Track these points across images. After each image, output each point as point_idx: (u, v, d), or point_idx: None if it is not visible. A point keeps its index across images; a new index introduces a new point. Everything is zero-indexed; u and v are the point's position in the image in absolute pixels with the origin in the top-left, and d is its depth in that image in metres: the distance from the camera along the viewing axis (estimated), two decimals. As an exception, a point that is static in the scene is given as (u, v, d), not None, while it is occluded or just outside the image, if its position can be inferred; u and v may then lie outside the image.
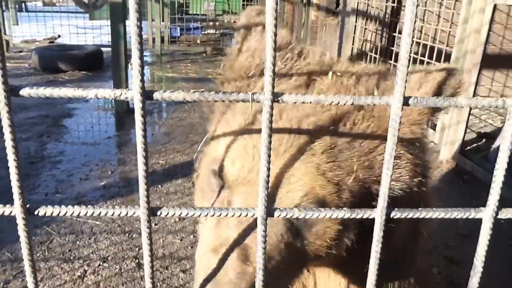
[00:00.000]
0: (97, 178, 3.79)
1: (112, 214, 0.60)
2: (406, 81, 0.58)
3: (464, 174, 4.03)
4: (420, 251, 1.44)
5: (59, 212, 0.59)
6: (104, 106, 5.99)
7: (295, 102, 0.61)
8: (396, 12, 6.36)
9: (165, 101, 0.62)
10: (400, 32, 5.43)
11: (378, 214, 0.61)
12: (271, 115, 0.59)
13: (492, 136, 4.96)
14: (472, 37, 3.95)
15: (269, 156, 0.60)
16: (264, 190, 0.60)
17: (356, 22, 6.81)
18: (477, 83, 4.00)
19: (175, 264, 2.70)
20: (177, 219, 3.23)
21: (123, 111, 5.59)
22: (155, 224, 3.14)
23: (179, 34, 12.75)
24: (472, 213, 0.68)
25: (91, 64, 7.96)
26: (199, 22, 14.92)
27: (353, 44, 6.94)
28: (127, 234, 2.97)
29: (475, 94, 4.06)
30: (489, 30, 3.80)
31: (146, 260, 0.64)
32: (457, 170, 4.12)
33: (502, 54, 6.58)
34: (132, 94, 0.57)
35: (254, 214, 0.61)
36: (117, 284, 2.44)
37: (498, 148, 4.37)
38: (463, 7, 4.12)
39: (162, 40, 10.35)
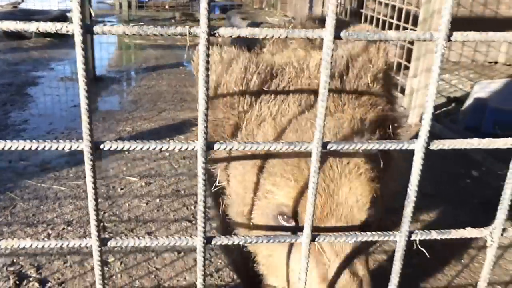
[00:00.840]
0: (62, 146, 3.78)
1: (56, 148, 0.64)
2: (336, 14, 0.63)
3: (433, 138, 4.18)
4: (385, 209, 1.51)
5: None
6: (71, 74, 5.87)
7: (231, 36, 0.64)
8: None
9: (106, 34, 0.65)
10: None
11: (314, 145, 0.68)
12: (208, 48, 0.61)
13: (461, 100, 5.13)
14: (438, -2, 4.02)
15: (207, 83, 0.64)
16: (203, 123, 0.64)
17: (328, -15, 6.76)
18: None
19: (140, 227, 2.78)
20: (143, 184, 3.29)
21: (89, 79, 5.49)
22: (121, 189, 3.19)
23: (146, -1, 12.40)
24: (405, 145, 0.74)
25: (56, 30, 7.70)
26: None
27: (323, 7, 6.92)
28: (92, 199, 3.02)
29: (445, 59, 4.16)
30: (454, -8, 3.87)
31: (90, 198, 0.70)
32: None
33: (472, 17, 6.67)
34: (73, 27, 0.59)
35: (194, 147, 0.66)
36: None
37: (465, 110, 4.55)
38: (430, -31, 4.17)
39: (130, 6, 10.07)
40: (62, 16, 7.99)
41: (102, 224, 2.74)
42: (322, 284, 1.02)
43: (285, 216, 1.08)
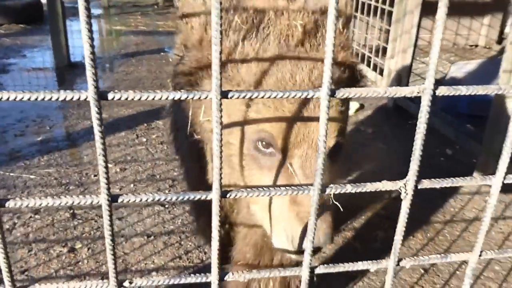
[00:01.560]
0: (33, 134, 3.68)
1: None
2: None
3: (409, 118, 4.18)
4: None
5: None
6: (44, 62, 5.71)
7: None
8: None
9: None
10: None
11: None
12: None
13: (440, 82, 5.14)
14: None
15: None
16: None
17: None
18: (419, 26, 4.07)
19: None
20: (118, 170, 3.22)
21: (63, 66, 5.35)
22: (95, 176, 3.12)
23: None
24: (310, 94, 0.71)
25: (30, 16, 7.48)
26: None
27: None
28: (63, 187, 2.95)
29: (417, 39, 4.14)
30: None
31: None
32: (403, 114, 4.27)
33: (454, 1, 6.66)
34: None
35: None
36: (48, 234, 2.45)
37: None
38: None
39: (109, -10, 9.81)
40: (35, 2, 7.72)
41: (71, 211, 2.68)
42: (292, 205, 1.14)
43: (264, 142, 1.20)
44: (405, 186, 0.80)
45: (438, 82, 5.24)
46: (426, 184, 0.84)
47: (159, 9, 9.71)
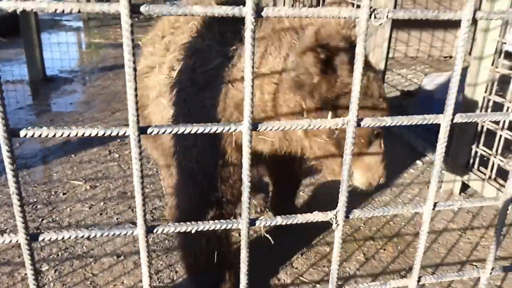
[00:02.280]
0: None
1: None
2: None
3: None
4: None
5: None
6: (18, 75, 5.62)
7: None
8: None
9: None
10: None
11: None
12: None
13: (414, 93, 5.23)
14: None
15: None
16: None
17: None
18: (390, 39, 4.15)
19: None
20: (88, 187, 3.17)
21: (38, 80, 5.28)
22: (64, 194, 3.06)
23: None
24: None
25: (6, 29, 7.38)
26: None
27: None
28: (31, 206, 2.88)
29: (392, 51, 4.22)
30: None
31: None
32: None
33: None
34: None
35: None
36: (13, 257, 2.39)
37: (415, 103, 4.64)
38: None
39: (89, 1, 9.74)
40: (11, 14, 7.60)
41: (38, 231, 2.61)
42: None
43: None
44: (336, 216, 0.80)
45: (412, 93, 5.34)
46: (357, 213, 0.85)
47: (140, 22, 9.67)
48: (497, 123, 2.83)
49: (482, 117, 0.83)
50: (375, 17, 0.64)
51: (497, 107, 2.75)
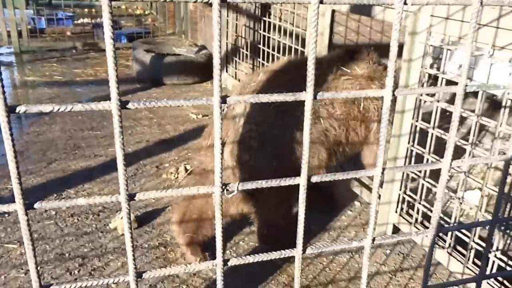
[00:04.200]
0: None
1: None
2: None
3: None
4: None
5: None
6: None
7: None
8: (265, 8, 6.75)
9: None
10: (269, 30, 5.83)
11: None
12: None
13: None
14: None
15: None
16: None
17: (228, 16, 7.09)
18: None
19: (16, 302, 2.69)
20: (23, 251, 3.18)
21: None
22: (-4, 260, 3.06)
23: (44, 26, 11.89)
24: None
25: None
26: (71, 10, 14.03)
27: (227, 39, 7.24)
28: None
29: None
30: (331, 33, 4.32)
31: None
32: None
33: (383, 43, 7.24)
34: None
35: None
36: None
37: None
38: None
39: (20, 35, 9.52)
40: None
41: (-31, 307, 2.61)
42: None
43: None
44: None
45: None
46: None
47: (78, 54, 9.64)
48: (420, 171, 3.21)
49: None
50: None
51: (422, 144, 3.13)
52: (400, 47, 2.52)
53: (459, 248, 2.98)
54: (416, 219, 3.27)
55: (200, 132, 5.57)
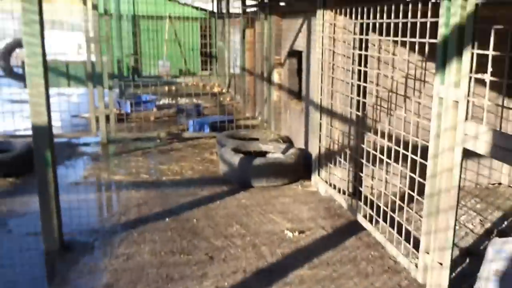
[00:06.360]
0: None
1: None
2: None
3: None
4: None
5: None
6: (34, 237, 5.16)
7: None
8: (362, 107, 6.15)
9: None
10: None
11: None
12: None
13: (475, 253, 4.65)
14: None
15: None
16: None
17: (321, 119, 6.58)
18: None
19: None
20: None
21: (55, 251, 4.80)
22: None
23: (129, 110, 12.19)
24: None
25: (20, 168, 7.15)
26: (152, 90, 14.42)
27: (320, 142, 6.67)
28: None
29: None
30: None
31: None
32: None
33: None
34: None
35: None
36: None
37: (482, 279, 4.01)
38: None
39: (108, 119, 9.50)
40: (28, 151, 7.32)
41: None
42: None
43: None
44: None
45: (471, 253, 4.71)
46: None
47: (161, 144, 9.54)
48: None
49: None
50: None
51: None
52: None
53: None
54: None
55: (300, 258, 4.86)
